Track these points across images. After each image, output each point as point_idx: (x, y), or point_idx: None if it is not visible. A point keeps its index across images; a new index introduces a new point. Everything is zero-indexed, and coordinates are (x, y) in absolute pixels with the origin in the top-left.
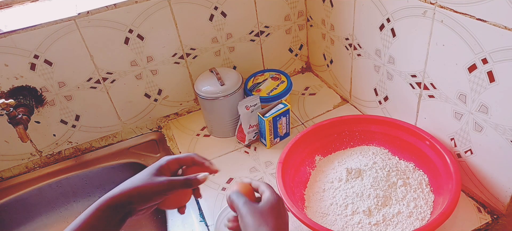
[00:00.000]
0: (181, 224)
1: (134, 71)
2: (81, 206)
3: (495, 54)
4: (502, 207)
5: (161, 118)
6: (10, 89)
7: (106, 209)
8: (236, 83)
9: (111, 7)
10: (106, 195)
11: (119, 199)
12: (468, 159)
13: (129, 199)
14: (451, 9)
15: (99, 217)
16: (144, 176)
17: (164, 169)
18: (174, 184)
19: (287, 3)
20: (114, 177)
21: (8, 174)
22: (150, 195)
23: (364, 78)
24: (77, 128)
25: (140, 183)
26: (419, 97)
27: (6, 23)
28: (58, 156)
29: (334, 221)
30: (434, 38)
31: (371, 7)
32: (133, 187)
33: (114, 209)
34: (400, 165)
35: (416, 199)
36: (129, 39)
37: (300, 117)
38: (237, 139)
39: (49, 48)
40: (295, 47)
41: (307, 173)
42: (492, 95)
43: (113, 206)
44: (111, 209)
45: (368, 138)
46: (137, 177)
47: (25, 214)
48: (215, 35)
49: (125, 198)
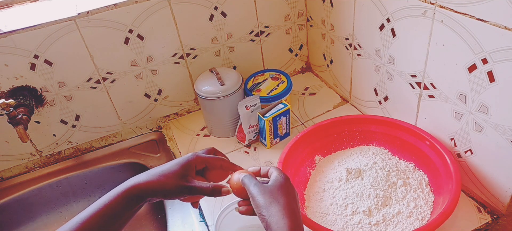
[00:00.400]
0: (181, 224)
1: (134, 71)
2: (81, 206)
3: (495, 54)
4: (502, 207)
5: (161, 118)
6: (10, 89)
7: (129, 197)
8: (236, 83)
9: (111, 7)
10: (130, 181)
11: (143, 190)
12: (468, 159)
13: (153, 193)
14: (451, 9)
15: (120, 203)
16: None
17: (191, 166)
18: (199, 190)
19: (287, 3)
20: (114, 177)
21: (8, 174)
22: (172, 194)
23: (364, 78)
24: (77, 128)
25: (165, 179)
26: (419, 97)
27: (6, 23)
28: (58, 156)
29: (334, 221)
30: (434, 38)
31: (371, 7)
32: (158, 181)
33: (135, 197)
34: (400, 165)
35: (416, 199)
36: (129, 39)
37: (300, 117)
38: (237, 139)
39: (49, 48)
40: (295, 47)
41: (307, 173)
42: (492, 95)
43: (136, 195)
44: (133, 196)
45: (368, 138)
46: (163, 170)
47: (25, 214)
48: (215, 35)
49: (149, 191)
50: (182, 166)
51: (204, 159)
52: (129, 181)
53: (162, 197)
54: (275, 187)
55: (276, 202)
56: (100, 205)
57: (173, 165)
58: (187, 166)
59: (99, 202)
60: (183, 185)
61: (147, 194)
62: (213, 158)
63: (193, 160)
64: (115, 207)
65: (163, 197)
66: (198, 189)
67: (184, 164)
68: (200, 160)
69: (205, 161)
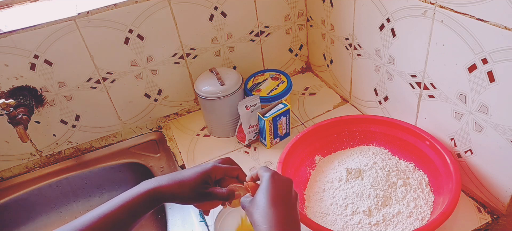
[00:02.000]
0: (181, 224)
1: (134, 71)
2: (81, 206)
3: (495, 54)
4: (502, 207)
5: (161, 118)
6: (10, 89)
7: (148, 197)
8: (236, 83)
9: (111, 7)
10: (152, 182)
11: (164, 193)
12: (468, 159)
13: (171, 197)
14: (451, 9)
15: (140, 203)
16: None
17: (211, 176)
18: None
19: (287, 3)
20: (114, 177)
21: (8, 174)
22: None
23: (364, 78)
24: (77, 128)
25: (187, 187)
26: (419, 97)
27: (6, 23)
28: (58, 156)
29: (334, 221)
30: (434, 38)
31: (371, 7)
32: (178, 185)
33: (156, 199)
34: (400, 165)
35: (416, 199)
36: (129, 39)
37: (300, 117)
38: (237, 139)
39: (49, 48)
40: (295, 47)
41: (307, 173)
42: (492, 95)
43: (156, 197)
44: (153, 198)
45: (368, 138)
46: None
47: (25, 214)
48: (215, 35)
49: (168, 195)
50: (202, 174)
51: (223, 169)
52: (149, 182)
53: (179, 202)
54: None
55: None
56: (121, 201)
57: (193, 173)
58: (206, 175)
59: (121, 198)
60: (201, 192)
61: (166, 197)
62: (231, 168)
63: (212, 169)
64: (135, 205)
65: (180, 202)
66: (215, 194)
67: (204, 173)
68: (219, 170)
69: (224, 171)
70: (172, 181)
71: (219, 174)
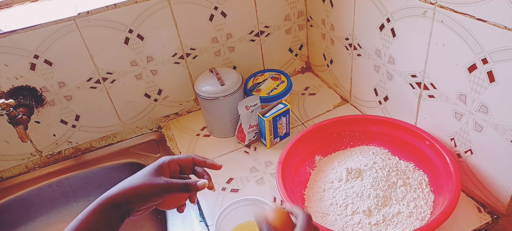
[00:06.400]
0: (181, 224)
1: (134, 71)
2: (81, 206)
3: (495, 54)
4: (502, 207)
5: (161, 118)
6: (10, 89)
7: (104, 209)
8: (236, 83)
9: (111, 7)
10: (104, 195)
11: (116, 199)
12: (468, 159)
13: (127, 199)
14: (451, 9)
15: (96, 218)
16: (142, 176)
17: (163, 169)
18: (172, 186)
19: (287, 3)
20: (114, 177)
21: (8, 174)
22: (148, 196)
23: (364, 78)
24: (77, 128)
25: (138, 183)
26: (419, 97)
27: (6, 23)
28: (58, 156)
29: (334, 221)
30: (434, 38)
31: (371, 7)
32: (130, 187)
33: (111, 209)
34: (400, 165)
35: (416, 199)
36: (129, 39)
37: (300, 117)
38: (237, 139)
39: (49, 48)
40: (295, 47)
41: (307, 173)
42: (492, 95)
43: (111, 206)
44: (109, 209)
45: (368, 138)
46: (135, 177)
47: (25, 214)
48: (215, 35)
49: (123, 198)
50: (154, 168)
51: (176, 159)
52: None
53: (140, 202)
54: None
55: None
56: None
57: (145, 170)
58: (159, 169)
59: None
60: (156, 184)
61: (123, 200)
62: (184, 157)
63: (164, 161)
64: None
65: (142, 202)
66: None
67: (156, 167)
68: (172, 161)
69: (177, 161)
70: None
71: (173, 165)
